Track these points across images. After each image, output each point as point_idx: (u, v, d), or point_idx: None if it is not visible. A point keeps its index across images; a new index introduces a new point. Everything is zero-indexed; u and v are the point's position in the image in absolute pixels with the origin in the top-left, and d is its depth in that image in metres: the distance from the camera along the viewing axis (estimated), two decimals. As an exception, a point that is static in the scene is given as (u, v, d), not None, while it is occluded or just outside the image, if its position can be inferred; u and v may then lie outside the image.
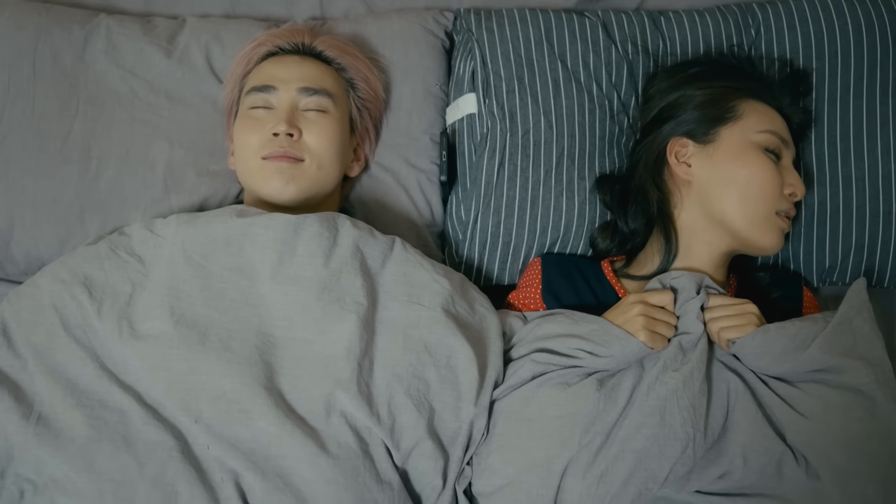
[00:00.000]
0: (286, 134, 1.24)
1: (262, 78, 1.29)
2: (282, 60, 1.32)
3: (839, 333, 1.05)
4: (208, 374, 1.05)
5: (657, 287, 1.19)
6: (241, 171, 1.29)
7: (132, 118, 1.37)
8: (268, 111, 1.27)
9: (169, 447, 1.01)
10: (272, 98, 1.27)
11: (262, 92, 1.27)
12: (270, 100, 1.27)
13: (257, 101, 1.27)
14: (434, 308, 1.14)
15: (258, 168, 1.24)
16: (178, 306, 1.10)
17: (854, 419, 1.01)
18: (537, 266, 1.33)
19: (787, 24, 1.41)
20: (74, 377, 1.05)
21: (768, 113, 1.26)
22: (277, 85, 1.27)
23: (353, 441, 1.04)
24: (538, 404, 1.09)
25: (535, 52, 1.39)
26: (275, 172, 1.23)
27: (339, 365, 1.07)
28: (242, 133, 1.27)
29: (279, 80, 1.28)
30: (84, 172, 1.33)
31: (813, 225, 1.37)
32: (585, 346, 1.10)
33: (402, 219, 1.41)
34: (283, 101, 1.27)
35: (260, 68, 1.32)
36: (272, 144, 1.24)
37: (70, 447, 0.99)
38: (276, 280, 1.13)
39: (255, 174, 1.25)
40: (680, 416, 1.02)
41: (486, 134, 1.37)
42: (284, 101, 1.27)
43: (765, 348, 1.06)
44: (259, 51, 1.34)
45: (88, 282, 1.13)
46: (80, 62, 1.38)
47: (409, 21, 1.47)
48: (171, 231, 1.19)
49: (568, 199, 1.35)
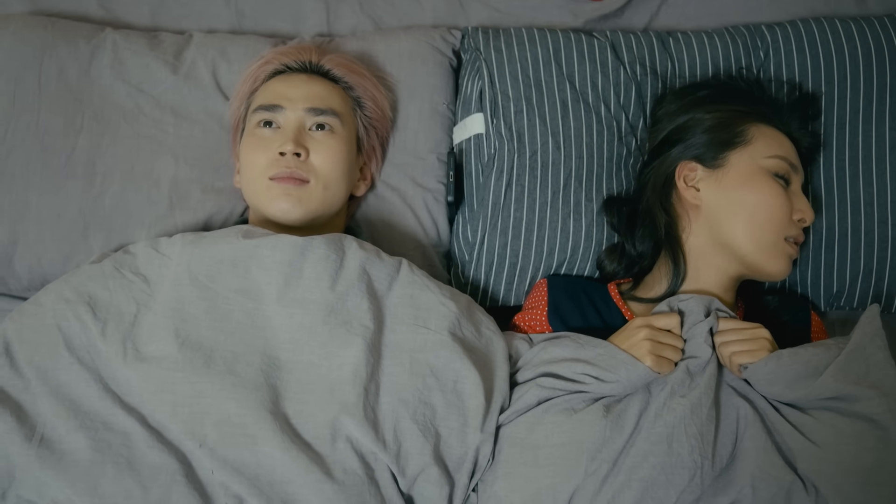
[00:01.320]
0: (293, 154, 1.23)
1: (269, 97, 1.28)
2: (289, 79, 1.31)
3: (852, 361, 1.04)
4: (213, 397, 1.04)
5: (665, 310, 1.18)
6: (248, 190, 1.28)
7: (137, 134, 1.36)
8: (274, 130, 1.26)
9: (173, 471, 1.00)
10: (279, 117, 1.27)
11: (268, 111, 1.27)
12: (277, 118, 1.27)
13: (262, 118, 1.27)
14: (441, 331, 1.13)
15: (265, 188, 1.24)
16: (183, 328, 1.09)
17: (865, 449, 0.99)
18: (543, 288, 1.32)
19: (797, 46, 1.40)
20: (78, 398, 1.04)
21: (777, 137, 1.25)
22: (284, 104, 1.27)
23: (358, 467, 1.03)
24: (544, 431, 1.07)
25: (544, 73, 1.39)
26: (281, 194, 1.22)
27: (345, 389, 1.06)
28: (249, 152, 1.26)
29: (286, 100, 1.27)
30: (88, 188, 1.32)
31: (821, 249, 1.37)
32: (591, 371, 1.09)
33: (408, 238, 1.40)
34: (290, 121, 1.26)
35: (267, 86, 1.31)
36: (279, 164, 1.23)
37: (73, 470, 0.98)
38: (282, 302, 1.12)
39: (262, 194, 1.24)
40: (688, 444, 1.00)
41: (493, 154, 1.36)
42: (291, 120, 1.26)
43: (777, 374, 1.05)
44: (266, 69, 1.33)
45: (93, 301, 1.12)
46: (86, 77, 1.38)
47: (417, 39, 1.47)
48: (177, 251, 1.18)
49: (575, 220, 1.35)
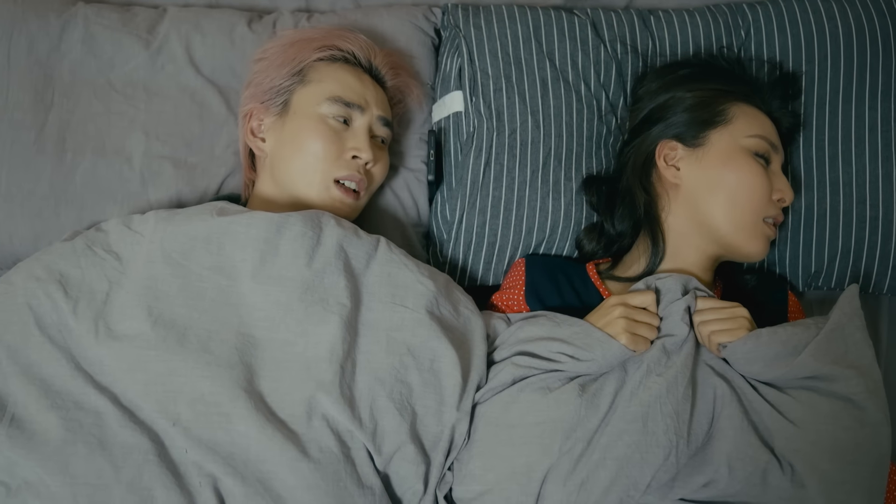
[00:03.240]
0: (365, 162, 1.26)
1: (347, 91, 1.27)
2: (359, 76, 1.31)
3: (831, 341, 1.05)
4: (187, 375, 1.03)
5: (642, 289, 1.17)
6: (289, 170, 1.26)
7: (108, 110, 1.35)
8: (343, 126, 1.26)
9: (145, 450, 0.99)
10: (354, 114, 1.27)
11: (347, 107, 1.26)
12: (352, 115, 1.27)
13: (339, 113, 1.26)
14: (418, 310, 1.13)
15: (323, 185, 1.24)
16: (156, 306, 1.08)
17: (842, 428, 1.00)
18: (521, 267, 1.32)
19: (778, 25, 1.40)
20: (49, 378, 1.03)
21: (758, 117, 1.25)
22: (364, 105, 1.27)
23: (334, 445, 1.03)
24: (519, 410, 1.08)
25: (524, 50, 1.38)
26: (338, 200, 1.25)
27: (321, 367, 1.06)
28: (315, 139, 1.24)
29: (364, 101, 1.27)
30: (59, 165, 1.31)
31: (800, 229, 1.37)
32: (567, 350, 1.10)
33: (387, 217, 1.41)
34: (363, 125, 1.27)
35: (331, 72, 1.29)
36: (349, 167, 1.25)
37: (44, 450, 0.97)
38: (258, 280, 1.11)
39: (315, 184, 1.24)
40: (663, 423, 1.01)
41: (472, 133, 1.36)
42: (364, 124, 1.27)
43: (756, 353, 1.05)
44: (323, 51, 1.30)
45: (64, 279, 1.11)
46: (56, 52, 1.36)
47: (400, 18, 1.46)
48: (150, 228, 1.17)
49: (554, 199, 1.34)
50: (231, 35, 1.41)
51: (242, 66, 1.39)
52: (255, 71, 1.32)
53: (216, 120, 1.38)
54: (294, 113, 1.27)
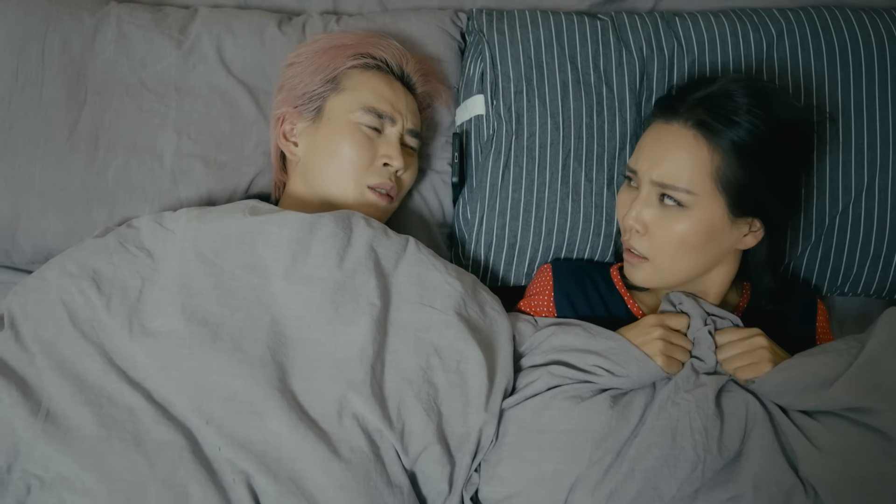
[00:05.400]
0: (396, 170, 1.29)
1: (380, 102, 1.29)
2: (392, 85, 1.32)
3: (865, 372, 1.03)
4: (220, 373, 1.04)
5: (670, 309, 1.18)
6: (323, 175, 1.28)
7: (140, 108, 1.36)
8: (375, 133, 1.28)
9: (180, 447, 1.00)
10: (386, 124, 1.29)
11: (380, 118, 1.28)
12: (384, 125, 1.29)
13: (372, 123, 1.28)
14: (446, 311, 1.14)
15: (357, 191, 1.27)
16: (189, 303, 1.09)
17: (869, 459, 0.99)
18: (548, 273, 1.31)
19: (811, 31, 1.39)
20: (82, 373, 1.04)
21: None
22: (396, 118, 1.30)
23: (364, 444, 1.04)
24: (550, 416, 1.08)
25: (545, 54, 1.38)
26: (371, 205, 1.27)
27: (351, 367, 1.07)
28: (351, 146, 1.26)
29: (397, 112, 1.30)
30: (92, 162, 1.32)
31: (833, 233, 1.36)
32: (603, 364, 1.10)
33: (413, 218, 1.42)
34: (394, 135, 1.30)
35: (366, 81, 1.31)
36: (382, 174, 1.28)
37: (79, 446, 0.98)
38: (289, 279, 1.12)
39: (350, 190, 1.27)
40: (692, 438, 1.01)
41: (491, 136, 1.36)
42: (396, 134, 1.30)
43: (785, 386, 1.05)
44: (357, 59, 1.32)
45: (97, 276, 1.12)
46: (90, 51, 1.37)
47: (427, 22, 1.47)
48: (182, 226, 1.18)
49: (574, 201, 1.35)
50: (262, 36, 1.42)
51: (273, 67, 1.40)
52: (288, 76, 1.32)
53: (246, 120, 1.39)
54: (328, 119, 1.28)
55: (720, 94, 1.13)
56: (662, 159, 1.13)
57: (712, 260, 1.17)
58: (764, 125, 1.10)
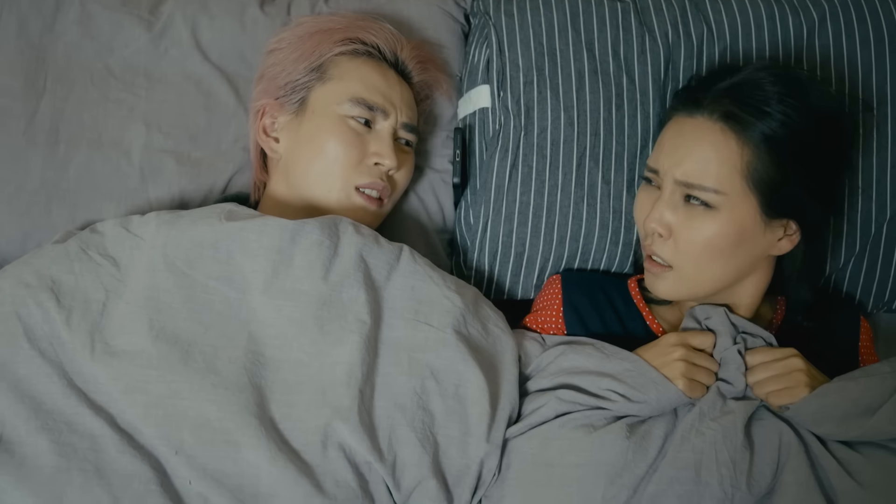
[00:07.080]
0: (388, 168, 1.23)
1: (371, 93, 1.22)
2: (385, 73, 1.26)
3: None
4: (191, 398, 0.99)
5: (693, 326, 1.12)
6: (306, 174, 1.22)
7: (106, 98, 1.29)
8: (365, 128, 1.22)
9: (146, 479, 0.94)
10: (377, 117, 1.23)
11: (370, 110, 1.22)
12: (375, 118, 1.23)
13: (362, 116, 1.22)
14: (444, 329, 1.09)
15: (344, 193, 1.20)
16: (157, 319, 1.03)
17: None
18: (556, 285, 1.25)
19: (857, 15, 1.31)
20: (39, 395, 0.98)
21: None
22: (388, 110, 1.23)
23: (351, 478, 0.98)
24: (559, 448, 1.02)
25: (559, 40, 1.30)
26: (360, 209, 1.21)
27: (338, 392, 1.01)
28: (338, 142, 1.20)
29: (390, 104, 1.24)
30: (51, 158, 1.26)
31: (880, 243, 1.30)
32: (618, 388, 1.05)
33: (410, 222, 1.37)
34: (386, 130, 1.23)
35: (356, 69, 1.24)
36: (372, 174, 1.21)
37: (35, 477, 0.93)
38: (269, 293, 1.06)
39: (336, 191, 1.20)
40: (718, 473, 0.96)
41: (498, 131, 1.30)
42: (389, 129, 1.24)
43: (824, 414, 1.00)
44: (346, 45, 1.25)
45: (56, 286, 1.06)
46: (50, 33, 1.29)
47: (427, 3, 1.42)
48: (151, 231, 1.12)
49: (589, 205, 1.28)
50: (241, 18, 1.36)
51: (253, 52, 1.34)
52: (269, 63, 1.27)
53: (224, 111, 1.33)
54: (312, 112, 1.22)
55: (748, 83, 1.08)
56: (686, 156, 1.09)
57: (743, 267, 1.12)
58: (797, 115, 1.05)
